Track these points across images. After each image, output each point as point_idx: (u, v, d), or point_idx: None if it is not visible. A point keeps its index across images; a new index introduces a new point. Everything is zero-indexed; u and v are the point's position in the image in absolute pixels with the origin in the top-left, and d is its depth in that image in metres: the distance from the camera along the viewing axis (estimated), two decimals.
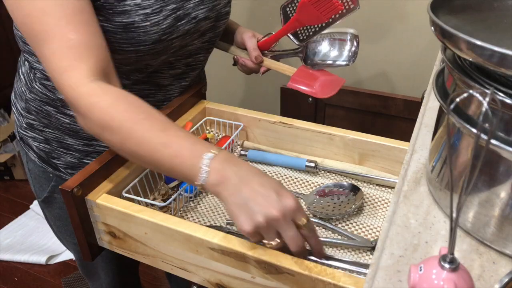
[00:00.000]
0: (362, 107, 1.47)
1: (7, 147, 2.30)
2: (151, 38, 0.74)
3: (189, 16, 0.78)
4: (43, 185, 0.95)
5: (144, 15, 0.72)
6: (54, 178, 0.93)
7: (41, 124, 0.89)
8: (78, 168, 0.91)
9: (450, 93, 0.50)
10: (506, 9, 0.50)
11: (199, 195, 0.83)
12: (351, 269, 0.66)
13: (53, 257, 1.92)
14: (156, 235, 0.69)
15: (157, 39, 0.75)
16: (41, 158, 0.92)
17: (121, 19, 0.72)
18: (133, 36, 0.73)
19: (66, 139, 0.88)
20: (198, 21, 0.80)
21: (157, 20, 0.74)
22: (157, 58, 0.79)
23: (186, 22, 0.78)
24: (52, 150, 0.90)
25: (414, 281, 0.39)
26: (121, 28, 0.72)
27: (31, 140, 0.91)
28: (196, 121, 0.94)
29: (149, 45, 0.75)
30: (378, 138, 0.84)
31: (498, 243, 0.47)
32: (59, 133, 0.88)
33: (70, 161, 0.90)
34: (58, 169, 0.91)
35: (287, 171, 0.88)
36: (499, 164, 0.44)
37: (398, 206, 0.53)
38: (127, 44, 0.74)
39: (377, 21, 1.43)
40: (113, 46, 0.74)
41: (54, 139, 0.89)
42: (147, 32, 0.73)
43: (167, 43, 0.77)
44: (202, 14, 0.81)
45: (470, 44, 0.40)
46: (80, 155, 0.90)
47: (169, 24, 0.75)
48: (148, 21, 0.73)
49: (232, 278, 0.66)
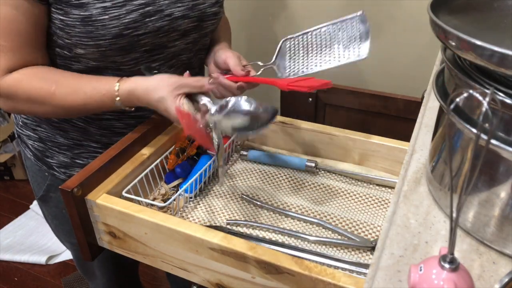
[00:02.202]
0: (362, 107, 1.47)
1: (7, 147, 2.30)
2: (111, 32, 0.73)
3: (161, 13, 0.77)
4: (40, 183, 0.95)
5: (103, 8, 0.72)
6: (49, 177, 0.93)
7: (34, 122, 0.90)
8: (71, 167, 0.91)
9: (450, 93, 0.50)
10: (506, 9, 0.50)
11: (199, 195, 0.83)
12: (351, 269, 0.66)
13: (53, 257, 1.92)
14: (156, 235, 0.69)
15: (117, 34, 0.74)
16: (36, 156, 0.92)
17: (79, 12, 0.72)
18: (91, 30, 0.73)
19: (57, 138, 0.89)
20: (173, 19, 0.79)
21: (118, 14, 0.73)
22: (124, 55, 0.78)
23: (157, 19, 0.77)
24: (46, 149, 0.90)
25: (414, 281, 0.39)
26: (79, 21, 0.72)
27: (26, 138, 0.92)
28: None
29: (109, 40, 0.74)
30: (378, 138, 0.84)
31: (498, 243, 0.47)
32: (51, 132, 0.89)
33: (63, 161, 0.91)
34: (52, 168, 0.92)
35: (287, 171, 0.88)
36: (499, 164, 0.44)
37: (398, 206, 0.53)
38: (86, 38, 0.74)
39: (377, 21, 1.43)
40: (74, 40, 0.74)
41: (47, 138, 0.89)
42: (106, 26, 0.73)
43: (131, 38, 0.75)
44: (179, 12, 0.79)
45: (470, 44, 0.40)
46: (72, 155, 0.90)
47: (134, 19, 0.74)
48: (107, 15, 0.72)
49: (232, 278, 0.66)
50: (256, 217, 0.78)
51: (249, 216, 0.78)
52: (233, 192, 0.84)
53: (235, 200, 0.82)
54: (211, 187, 0.85)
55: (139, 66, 0.81)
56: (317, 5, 1.48)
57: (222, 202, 0.81)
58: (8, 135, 2.30)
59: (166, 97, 0.73)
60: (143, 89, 0.75)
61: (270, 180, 0.86)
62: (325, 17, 1.48)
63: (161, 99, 0.73)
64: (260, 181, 0.86)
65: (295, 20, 1.53)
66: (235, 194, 0.83)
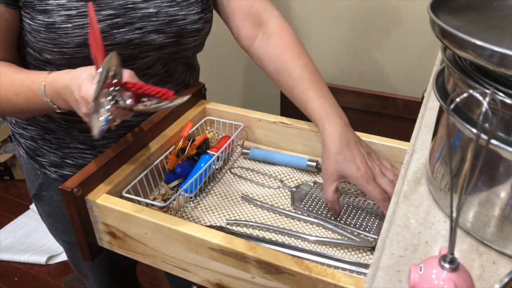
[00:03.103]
0: (362, 107, 1.47)
1: (7, 147, 2.30)
2: (74, 41, 0.72)
3: (132, 25, 0.75)
4: (33, 181, 0.96)
5: (67, 16, 0.71)
6: (41, 176, 0.94)
7: (25, 121, 0.90)
8: (61, 167, 0.91)
9: (450, 93, 0.50)
10: (506, 9, 0.50)
11: (199, 195, 0.83)
12: (351, 269, 0.66)
13: (53, 257, 1.92)
14: (156, 235, 0.69)
15: (81, 43, 0.72)
16: (28, 155, 0.93)
17: (43, 18, 0.71)
18: (54, 37, 0.72)
19: (47, 138, 0.89)
20: (144, 33, 0.76)
21: (82, 23, 0.72)
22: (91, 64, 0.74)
23: (127, 31, 0.75)
24: (37, 148, 0.91)
25: (414, 281, 0.39)
26: (43, 27, 0.72)
27: (19, 137, 0.93)
28: (196, 121, 0.94)
29: (73, 48, 0.73)
30: (378, 138, 0.84)
31: (498, 243, 0.47)
32: (40, 131, 0.89)
33: (54, 160, 0.91)
34: (44, 167, 0.92)
35: (288, 170, 0.88)
36: (499, 164, 0.44)
37: (398, 206, 0.53)
38: (51, 44, 0.73)
39: (377, 21, 1.43)
40: (40, 45, 0.74)
41: (37, 137, 0.90)
42: (69, 34, 0.72)
43: None
44: (152, 26, 0.77)
45: (470, 44, 0.40)
46: (62, 154, 0.90)
47: (100, 29, 0.71)
48: (70, 23, 0.71)
49: (232, 278, 0.66)
50: (256, 217, 0.78)
51: (249, 216, 0.78)
52: (233, 192, 0.84)
53: (235, 200, 0.82)
54: (211, 187, 0.85)
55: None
56: (318, 5, 1.48)
57: (222, 202, 0.81)
58: (8, 135, 2.31)
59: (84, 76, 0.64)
60: (68, 71, 0.69)
61: (271, 179, 0.86)
62: (325, 16, 1.49)
63: (77, 78, 0.65)
64: (261, 180, 0.86)
65: (295, 20, 1.53)
66: (235, 194, 0.83)
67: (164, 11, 0.77)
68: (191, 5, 0.80)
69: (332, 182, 0.74)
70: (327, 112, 0.78)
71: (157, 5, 0.77)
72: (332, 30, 1.51)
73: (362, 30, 1.46)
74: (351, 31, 1.48)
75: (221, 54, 0.98)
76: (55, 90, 0.71)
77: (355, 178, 0.71)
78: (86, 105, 0.62)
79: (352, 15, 1.44)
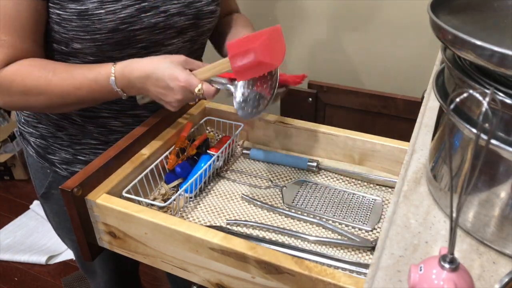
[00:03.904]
0: (362, 107, 1.47)
1: (7, 147, 2.30)
2: (107, 26, 0.74)
3: (157, 9, 0.78)
4: (42, 180, 0.96)
5: (99, 2, 0.73)
6: (51, 174, 0.94)
7: (35, 120, 0.90)
8: (73, 164, 0.91)
9: (450, 93, 0.50)
10: (506, 9, 0.50)
11: (199, 195, 0.83)
12: (351, 269, 0.66)
13: (53, 257, 1.92)
14: (156, 235, 0.69)
15: (114, 28, 0.74)
16: (38, 153, 0.93)
17: (75, 6, 0.73)
18: (87, 24, 0.73)
19: (58, 135, 0.89)
20: (168, 16, 0.79)
21: (114, 8, 0.74)
22: (120, 50, 0.78)
23: (153, 15, 0.78)
24: (48, 145, 0.91)
25: (414, 281, 0.39)
26: (76, 15, 0.73)
27: (28, 136, 0.93)
28: (196, 121, 0.94)
29: (105, 34, 0.75)
30: (378, 138, 0.84)
31: (498, 243, 0.47)
32: (52, 129, 0.89)
33: (65, 157, 0.91)
34: (54, 165, 0.92)
35: (288, 170, 0.88)
36: (499, 164, 0.44)
37: (398, 206, 0.53)
38: (83, 32, 0.74)
39: (377, 21, 1.43)
40: (70, 34, 0.75)
41: (48, 134, 0.90)
42: (102, 20, 0.73)
43: (127, 33, 0.76)
44: (174, 9, 0.80)
45: (470, 44, 0.40)
46: (74, 151, 0.90)
47: (130, 14, 0.75)
48: (103, 9, 0.73)
49: (232, 278, 0.66)
50: (256, 217, 0.78)
51: (249, 216, 0.78)
52: (233, 192, 0.84)
53: (235, 200, 0.82)
54: (211, 187, 0.85)
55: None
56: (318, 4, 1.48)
57: (222, 202, 0.81)
58: (8, 135, 2.30)
59: (171, 65, 0.73)
60: (140, 61, 0.75)
61: (271, 179, 0.86)
62: (325, 16, 1.49)
63: (163, 68, 0.72)
64: (261, 180, 0.86)
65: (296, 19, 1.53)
66: (235, 194, 0.83)
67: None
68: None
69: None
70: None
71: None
72: (332, 30, 1.51)
73: (362, 30, 1.46)
74: (351, 31, 1.48)
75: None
76: (128, 80, 0.75)
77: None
78: (184, 92, 0.73)
79: (352, 14, 1.44)
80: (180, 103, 0.76)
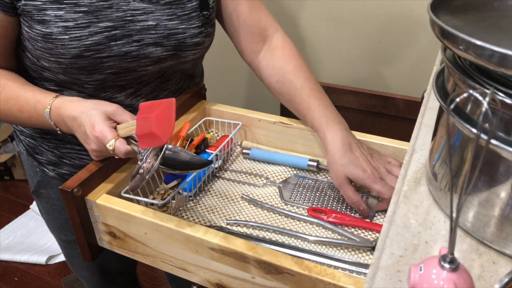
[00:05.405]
0: (362, 107, 1.47)
1: (7, 147, 2.30)
2: (70, 52, 0.72)
3: (130, 38, 0.75)
4: (33, 178, 0.97)
5: (64, 28, 0.71)
6: (40, 173, 0.94)
7: None
8: (59, 166, 0.92)
9: (450, 93, 0.50)
10: (506, 9, 0.50)
11: (199, 195, 0.83)
12: (351, 269, 0.66)
13: (53, 257, 1.92)
14: (156, 235, 0.69)
15: (77, 54, 0.73)
16: (28, 152, 0.94)
17: (40, 28, 0.72)
18: (51, 47, 0.72)
19: (45, 137, 0.89)
20: (142, 46, 0.77)
21: (79, 35, 0.72)
22: (87, 75, 0.76)
23: (124, 44, 0.75)
24: (36, 145, 0.91)
25: (414, 281, 0.39)
26: (40, 37, 0.72)
27: (19, 133, 0.94)
28: (196, 122, 0.94)
29: (69, 59, 0.73)
30: (378, 138, 0.84)
31: (498, 243, 0.47)
32: (37, 130, 0.89)
33: (52, 159, 0.91)
34: (42, 165, 0.93)
35: (289, 170, 0.88)
36: (499, 164, 0.44)
37: (398, 206, 0.53)
38: (48, 54, 0.73)
39: (377, 21, 1.43)
40: (37, 53, 0.75)
41: (36, 135, 0.90)
42: (65, 46, 0.72)
43: (93, 60, 0.74)
44: (150, 39, 0.77)
45: (470, 44, 0.40)
46: (60, 154, 0.90)
47: (96, 41, 0.73)
48: (67, 35, 0.72)
49: (232, 278, 0.66)
50: (256, 217, 0.78)
51: (249, 216, 0.78)
52: (233, 192, 0.84)
53: (235, 200, 0.82)
54: (211, 187, 0.85)
55: (106, 84, 0.80)
56: (318, 5, 1.48)
57: (222, 202, 0.81)
58: (8, 135, 2.31)
59: (95, 113, 0.70)
60: (74, 101, 0.74)
61: (271, 179, 0.86)
62: (326, 17, 1.49)
63: (88, 114, 0.70)
64: (261, 180, 0.86)
65: (297, 21, 1.53)
66: (235, 194, 0.83)
67: (163, 24, 0.77)
68: (191, 19, 0.79)
69: (346, 185, 0.75)
70: (328, 118, 0.80)
71: (157, 18, 0.77)
72: (332, 31, 1.51)
73: (362, 30, 1.46)
74: (351, 31, 1.48)
75: (219, 53, 0.99)
76: (60, 116, 0.74)
77: (362, 179, 0.73)
78: (97, 143, 0.70)
79: (352, 15, 1.44)
80: (97, 153, 0.72)
